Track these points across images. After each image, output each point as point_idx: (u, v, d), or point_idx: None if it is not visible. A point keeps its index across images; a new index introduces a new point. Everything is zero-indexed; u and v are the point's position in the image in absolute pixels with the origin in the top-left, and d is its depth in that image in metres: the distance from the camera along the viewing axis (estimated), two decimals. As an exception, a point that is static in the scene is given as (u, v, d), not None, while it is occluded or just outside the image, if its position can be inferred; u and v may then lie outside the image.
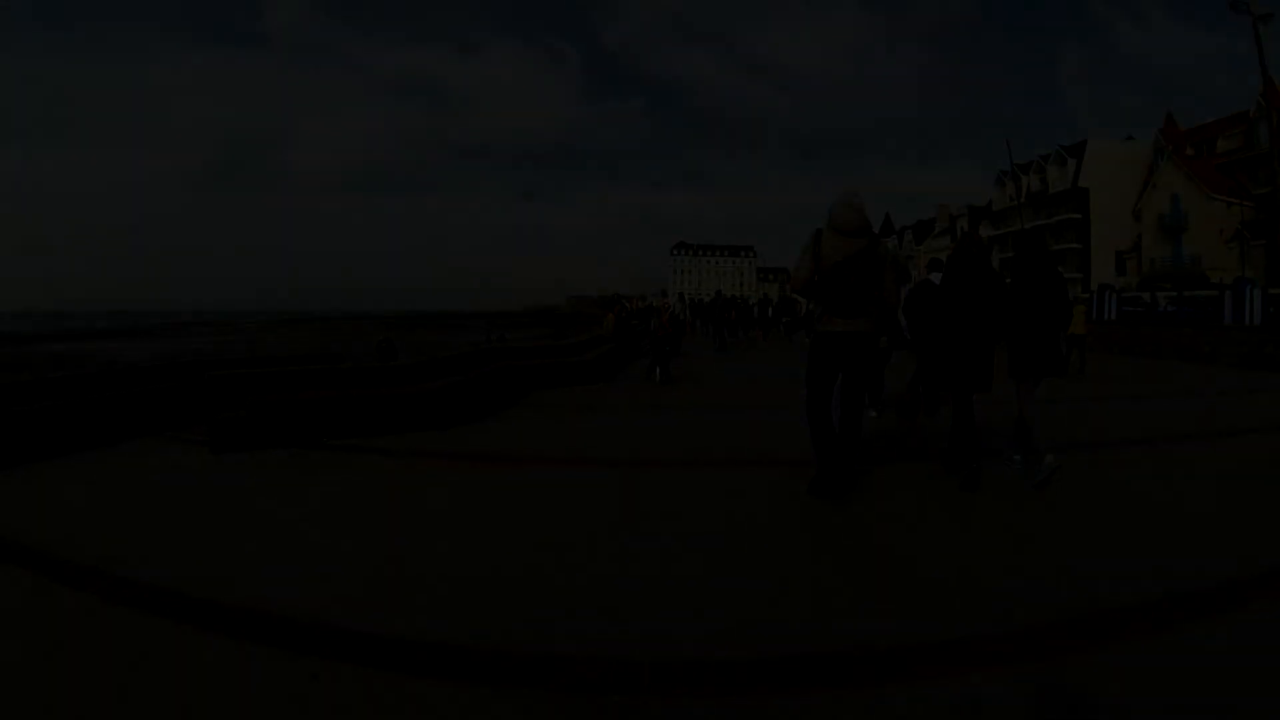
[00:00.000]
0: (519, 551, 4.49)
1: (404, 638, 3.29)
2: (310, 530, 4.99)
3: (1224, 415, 10.07)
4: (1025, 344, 5.92)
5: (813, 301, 5.65)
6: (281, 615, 3.51)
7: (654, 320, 16.31)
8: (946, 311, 5.90)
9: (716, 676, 2.94)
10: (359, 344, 20.36)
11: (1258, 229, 48.49)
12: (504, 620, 3.48)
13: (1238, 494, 5.63)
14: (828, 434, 5.44)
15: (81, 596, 3.82)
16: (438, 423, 8.56)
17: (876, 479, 5.94)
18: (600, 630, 3.36)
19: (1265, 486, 5.79)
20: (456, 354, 11.44)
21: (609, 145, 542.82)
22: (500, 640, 3.27)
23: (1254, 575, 3.85)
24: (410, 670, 3.02)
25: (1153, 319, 25.86)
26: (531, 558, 4.38)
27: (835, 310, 5.32)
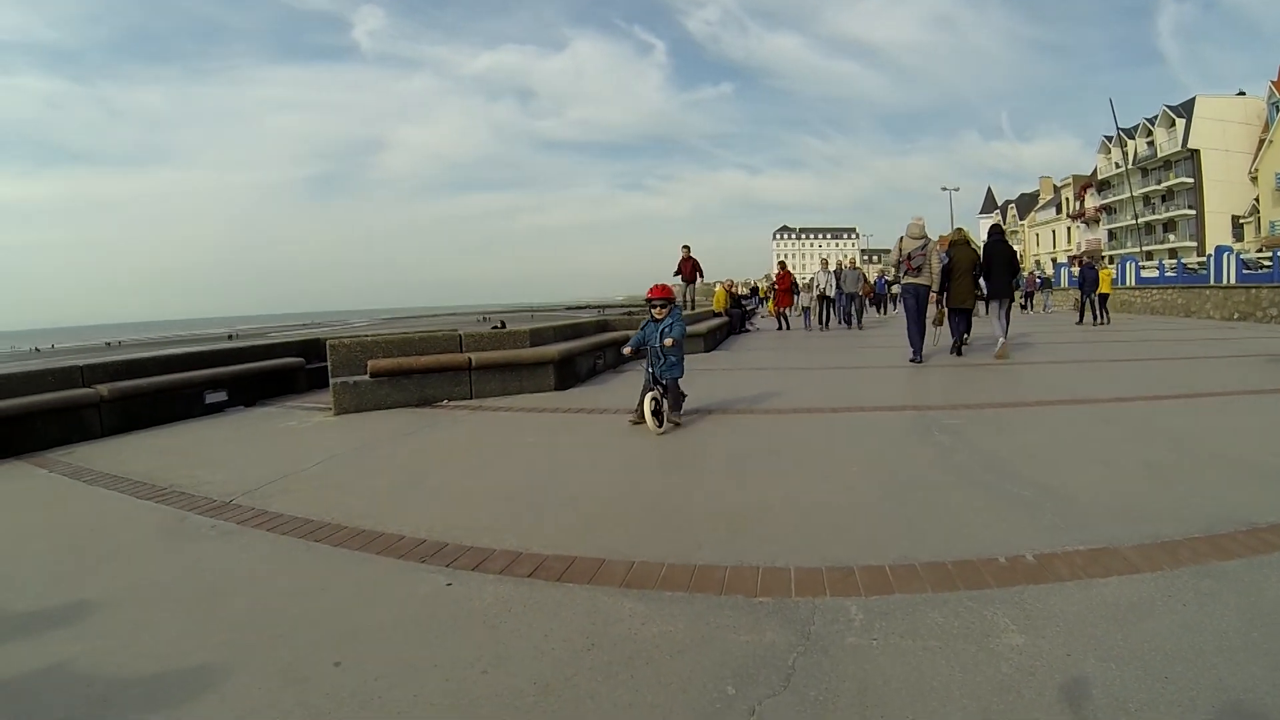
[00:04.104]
0: (650, 481, 4.73)
1: (535, 551, 3.46)
2: (433, 470, 5.31)
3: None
4: (995, 285, 11.32)
5: (896, 271, 11.36)
6: (414, 536, 3.75)
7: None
8: (985, 269, 11.47)
9: (865, 578, 2.98)
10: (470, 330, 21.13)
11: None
12: (640, 537, 3.63)
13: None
14: (913, 334, 10.90)
15: (218, 523, 4.23)
16: (555, 385, 8.86)
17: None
18: (741, 543, 3.47)
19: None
20: (572, 323, 11.74)
21: (702, 132, 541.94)
22: (637, 553, 3.39)
23: None
24: (546, 579, 3.16)
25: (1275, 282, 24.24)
26: (662, 486, 4.62)
27: (909, 274, 10.84)
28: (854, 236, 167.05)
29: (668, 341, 6.29)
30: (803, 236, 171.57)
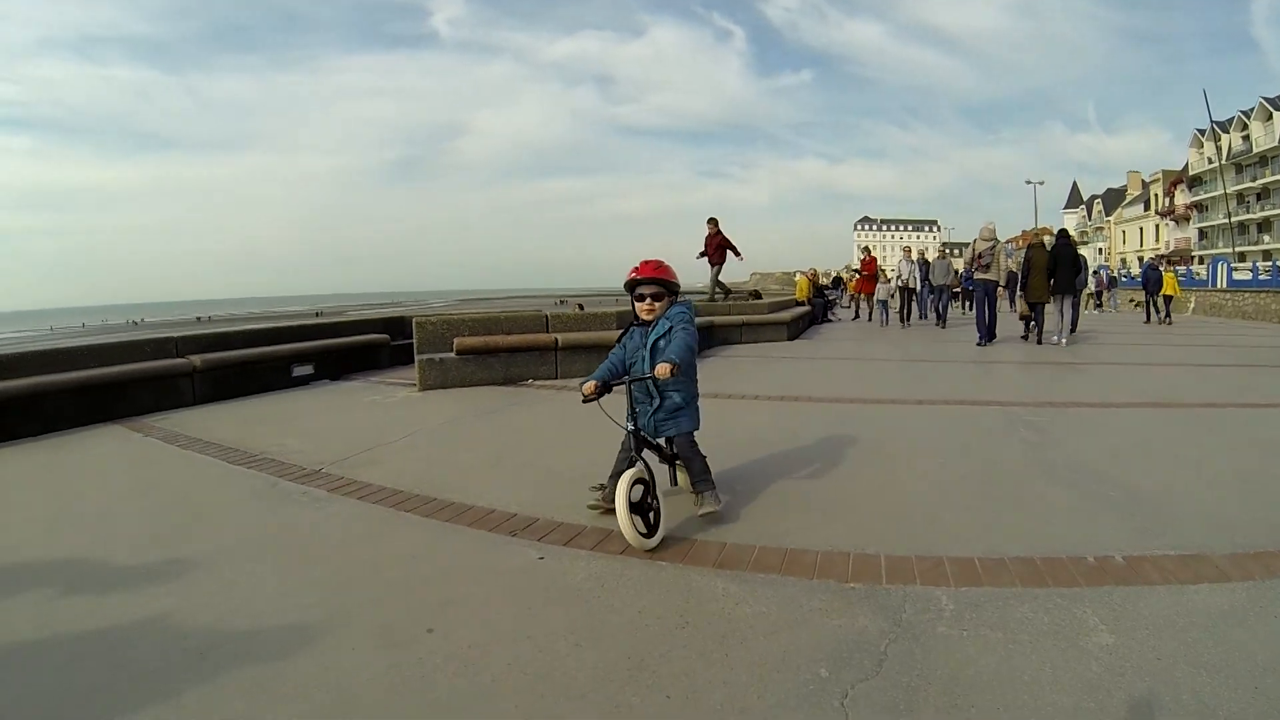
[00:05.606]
0: (738, 465, 4.71)
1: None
2: (520, 447, 5.43)
3: None
4: (1059, 282, 12.61)
5: (969, 268, 13.75)
6: (504, 511, 3.88)
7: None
8: (1052, 268, 12.72)
9: (954, 569, 3.00)
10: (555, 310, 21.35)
11: None
12: (730, 519, 3.68)
13: None
14: (982, 321, 12.73)
15: (308, 489, 4.44)
16: (645, 367, 8.92)
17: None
18: (831, 529, 3.51)
19: None
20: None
21: (782, 120, 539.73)
22: (728, 535, 3.46)
23: None
24: (638, 557, 3.23)
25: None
26: (751, 469, 4.63)
27: (979, 270, 12.83)
28: (935, 229, 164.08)
29: (663, 369, 3.31)
30: (884, 228, 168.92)
